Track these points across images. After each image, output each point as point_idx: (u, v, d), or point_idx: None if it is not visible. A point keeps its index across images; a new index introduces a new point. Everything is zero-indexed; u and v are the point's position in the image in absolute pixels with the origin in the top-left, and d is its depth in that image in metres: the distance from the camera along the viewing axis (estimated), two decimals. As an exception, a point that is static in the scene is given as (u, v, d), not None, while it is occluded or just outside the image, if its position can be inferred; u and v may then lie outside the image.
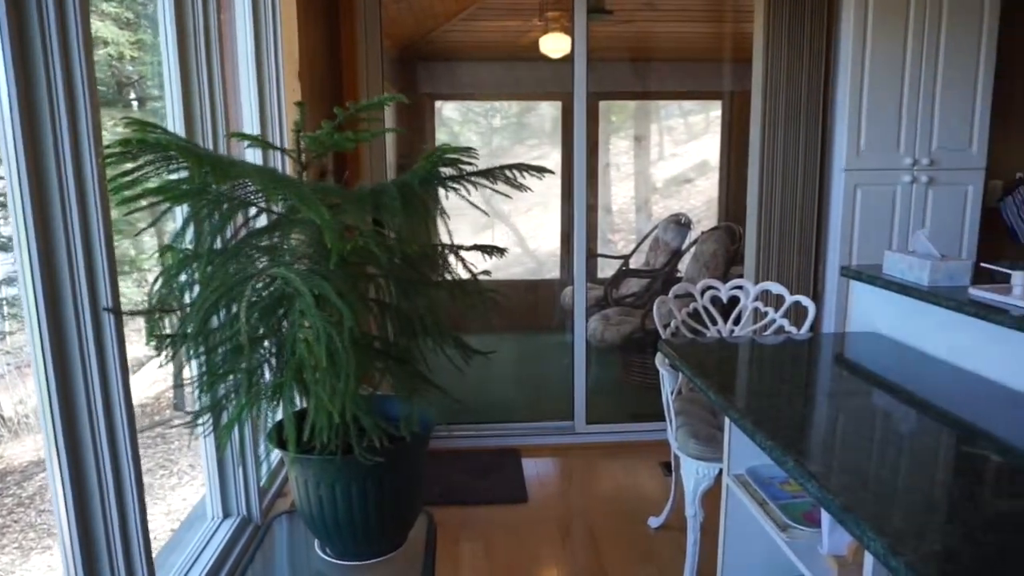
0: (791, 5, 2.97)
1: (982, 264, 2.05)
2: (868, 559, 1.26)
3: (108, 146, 1.14)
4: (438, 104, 5.93)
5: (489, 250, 1.68)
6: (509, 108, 6.05)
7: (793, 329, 2.57)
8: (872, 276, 2.23)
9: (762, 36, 2.99)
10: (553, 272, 5.85)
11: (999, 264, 2.11)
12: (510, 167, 1.62)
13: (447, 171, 1.50)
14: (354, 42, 3.01)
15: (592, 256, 5.94)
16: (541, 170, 1.59)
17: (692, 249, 4.77)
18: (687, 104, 6.10)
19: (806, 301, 2.53)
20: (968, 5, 2.94)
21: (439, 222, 1.56)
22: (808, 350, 2.14)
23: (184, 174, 1.29)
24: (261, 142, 1.43)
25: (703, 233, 4.68)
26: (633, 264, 5.45)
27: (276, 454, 2.45)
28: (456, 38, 5.58)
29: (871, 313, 2.30)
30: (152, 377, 2.54)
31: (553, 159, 5.73)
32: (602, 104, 5.96)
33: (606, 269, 5.60)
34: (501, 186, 1.63)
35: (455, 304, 1.48)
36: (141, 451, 1.34)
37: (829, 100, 3.08)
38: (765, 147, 3.04)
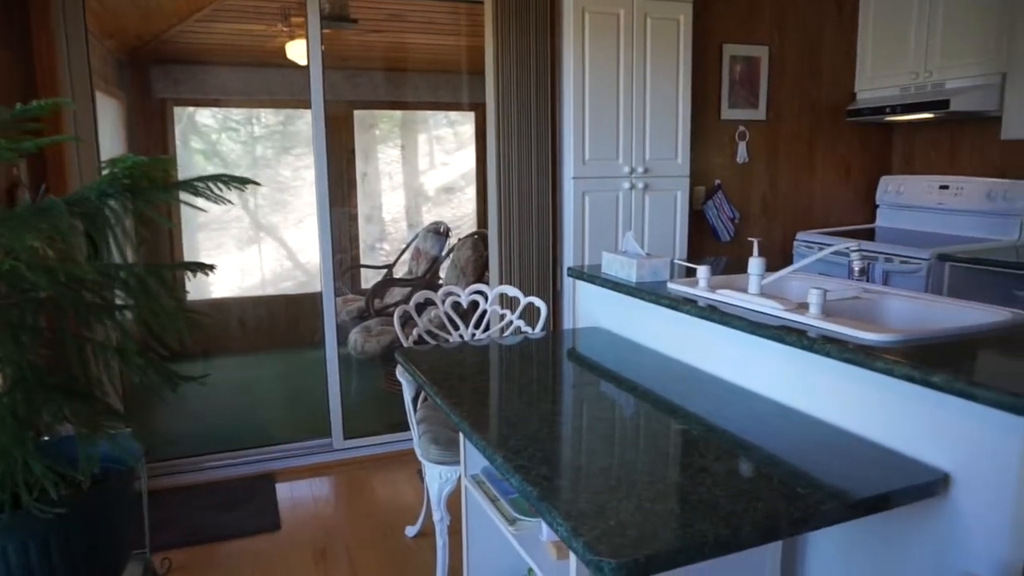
0: (517, 25, 3.14)
1: (675, 260, 2.31)
2: (571, 541, 1.34)
3: None
4: (190, 110, 5.48)
5: (195, 267, 1.56)
6: (275, 116, 5.74)
7: (529, 329, 2.71)
8: (592, 275, 2.42)
9: (492, 52, 3.13)
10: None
11: (705, 260, 2.40)
12: (213, 178, 1.52)
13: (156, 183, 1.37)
14: (50, 36, 2.66)
15: (355, 266, 5.85)
16: (245, 181, 1.52)
17: (451, 256, 4.88)
18: (453, 114, 6.24)
19: (538, 302, 2.69)
20: (666, 40, 3.33)
21: (130, 239, 1.42)
22: (538, 348, 2.26)
23: None
24: None
25: (459, 240, 4.81)
26: (397, 273, 5.46)
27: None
28: (195, 40, 5.19)
29: (594, 309, 2.50)
30: None
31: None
32: (373, 114, 5.91)
33: (373, 280, 5.54)
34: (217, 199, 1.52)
35: (148, 327, 1.35)
36: None
37: (557, 113, 3.31)
38: (501, 157, 3.18)
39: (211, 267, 1.57)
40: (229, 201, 1.45)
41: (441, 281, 4.92)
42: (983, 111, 3.32)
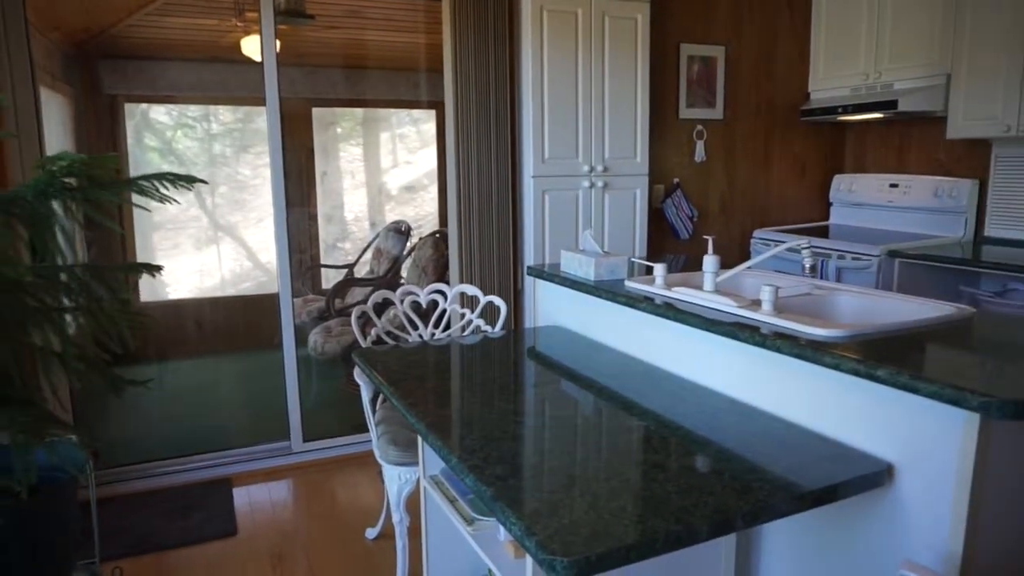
0: (475, 24, 3.12)
1: (633, 259, 2.33)
2: (527, 540, 1.34)
3: None
4: (144, 107, 5.35)
5: (140, 269, 1.52)
6: (233, 113, 5.62)
7: (489, 328, 2.71)
8: (551, 274, 2.43)
9: (451, 50, 3.12)
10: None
11: (665, 257, 2.42)
12: (158, 177, 1.48)
13: (72, 181, 1.32)
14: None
15: (315, 266, 5.77)
16: (192, 180, 1.48)
17: (412, 255, 4.85)
18: (415, 112, 6.19)
19: (498, 301, 2.68)
20: (624, 39, 3.35)
21: (69, 238, 1.37)
22: (497, 347, 2.26)
23: None
24: None
25: (420, 239, 4.78)
26: (359, 273, 5.41)
27: None
28: (147, 34, 5.06)
29: (554, 308, 2.51)
30: None
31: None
32: (333, 111, 5.83)
33: (334, 279, 5.47)
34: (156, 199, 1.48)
35: (88, 331, 1.31)
36: None
37: (516, 112, 3.31)
38: (460, 155, 3.17)
39: (158, 268, 1.53)
40: (175, 200, 1.42)
41: (403, 280, 4.89)
42: (929, 111, 3.41)
